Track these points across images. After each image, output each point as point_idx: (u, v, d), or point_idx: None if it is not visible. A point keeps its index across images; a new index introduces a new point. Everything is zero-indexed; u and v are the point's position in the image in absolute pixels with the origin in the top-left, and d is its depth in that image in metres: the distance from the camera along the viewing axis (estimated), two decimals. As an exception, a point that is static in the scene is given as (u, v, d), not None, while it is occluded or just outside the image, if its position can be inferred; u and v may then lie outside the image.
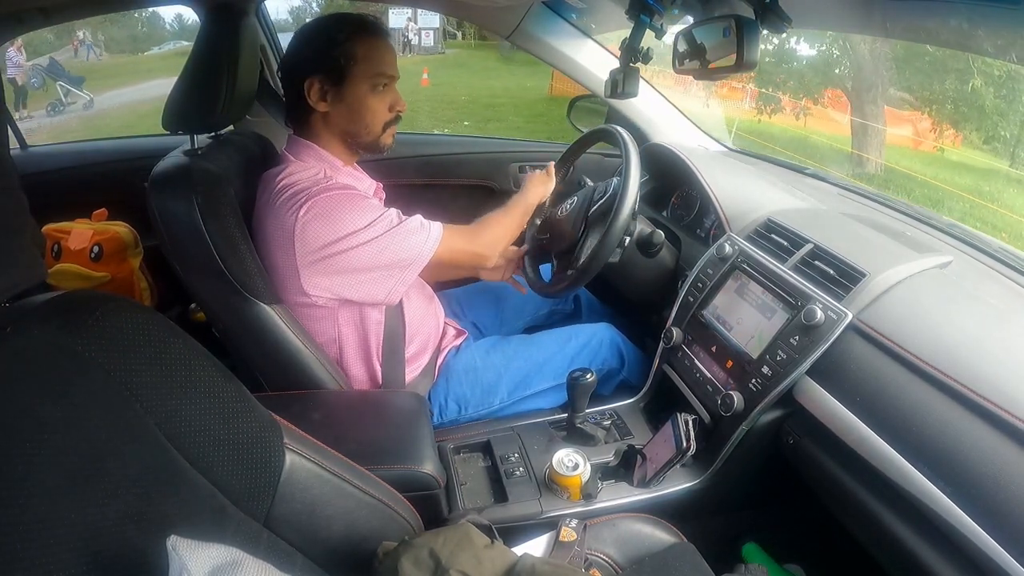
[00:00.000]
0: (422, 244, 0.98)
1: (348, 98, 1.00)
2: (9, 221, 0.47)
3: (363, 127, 1.02)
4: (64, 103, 8.76)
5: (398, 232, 0.96)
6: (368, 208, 0.96)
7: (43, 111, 8.51)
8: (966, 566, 0.65)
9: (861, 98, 7.42)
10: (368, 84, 1.00)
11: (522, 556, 0.62)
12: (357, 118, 1.01)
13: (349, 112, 1.01)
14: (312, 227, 0.91)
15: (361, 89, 0.99)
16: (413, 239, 0.98)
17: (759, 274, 1.01)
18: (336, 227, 0.92)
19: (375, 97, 1.01)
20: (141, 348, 0.50)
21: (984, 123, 6.76)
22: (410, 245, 0.97)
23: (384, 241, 0.94)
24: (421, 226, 1.00)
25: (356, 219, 0.93)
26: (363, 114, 1.01)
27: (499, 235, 1.14)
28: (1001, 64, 5.35)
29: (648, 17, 0.99)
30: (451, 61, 13.57)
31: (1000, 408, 0.66)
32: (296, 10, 14.45)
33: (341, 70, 0.98)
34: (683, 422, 0.91)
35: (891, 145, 7.88)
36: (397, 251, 0.96)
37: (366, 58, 0.98)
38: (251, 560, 0.41)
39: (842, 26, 1.94)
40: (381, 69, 1.00)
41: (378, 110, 1.02)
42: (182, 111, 0.98)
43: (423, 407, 1.00)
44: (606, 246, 1.08)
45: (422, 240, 0.99)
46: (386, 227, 0.95)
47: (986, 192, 6.31)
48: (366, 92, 1.00)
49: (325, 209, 0.92)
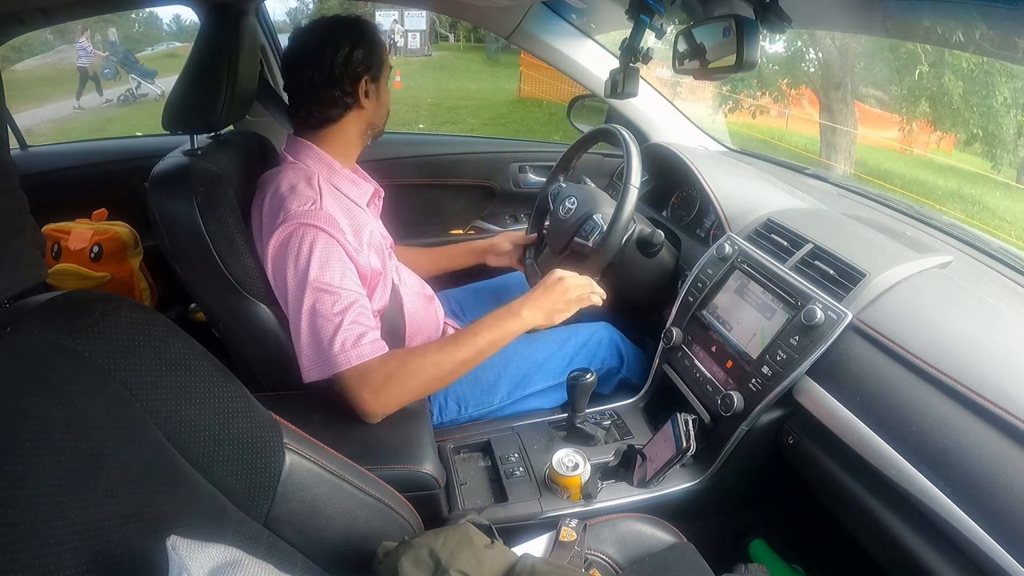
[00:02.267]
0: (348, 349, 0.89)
1: (380, 93, 1.08)
2: (9, 221, 0.48)
3: (383, 116, 1.11)
4: (135, 94, 9.33)
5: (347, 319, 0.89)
6: (338, 269, 0.92)
7: (115, 99, 9.24)
8: (966, 566, 0.65)
9: (829, 97, 6.75)
10: (384, 76, 1.08)
11: (522, 556, 0.62)
12: (382, 109, 1.10)
13: (379, 105, 1.08)
14: (280, 253, 0.91)
15: (383, 82, 1.08)
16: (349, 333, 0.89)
17: (759, 274, 1.01)
18: (300, 267, 0.90)
19: (386, 86, 1.10)
20: (141, 348, 0.50)
21: (957, 120, 6.43)
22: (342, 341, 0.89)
23: (335, 315, 0.89)
24: (358, 340, 0.89)
25: (324, 273, 0.90)
26: (385, 103, 1.10)
27: (418, 385, 0.93)
28: (969, 57, 5.19)
29: (648, 17, 0.99)
30: (435, 63, 13.56)
31: (1000, 408, 0.66)
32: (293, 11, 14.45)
33: (379, 67, 1.05)
34: (683, 422, 0.91)
35: (879, 148, 7.68)
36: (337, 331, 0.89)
37: (377, 52, 1.05)
38: (251, 560, 0.41)
39: (842, 26, 1.94)
40: (386, 59, 1.08)
41: (388, 98, 1.11)
42: (182, 111, 0.98)
43: (423, 407, 1.00)
44: (607, 248, 1.08)
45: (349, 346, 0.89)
46: (344, 305, 0.90)
47: (968, 195, 6.22)
48: (384, 83, 1.08)
49: (298, 243, 0.90)
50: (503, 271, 1.44)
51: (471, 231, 1.84)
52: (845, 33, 5.33)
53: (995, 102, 5.87)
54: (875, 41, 6.43)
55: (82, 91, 8.91)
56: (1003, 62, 4.59)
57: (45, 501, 0.39)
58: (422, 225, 1.77)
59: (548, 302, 1.02)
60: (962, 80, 5.89)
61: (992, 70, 5.65)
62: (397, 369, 0.90)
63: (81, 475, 0.42)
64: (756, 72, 6.28)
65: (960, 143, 7.46)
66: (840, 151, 6.73)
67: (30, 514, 0.38)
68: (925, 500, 0.68)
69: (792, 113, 8.13)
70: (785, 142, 7.91)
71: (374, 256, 1.01)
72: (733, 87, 7.27)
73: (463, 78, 11.65)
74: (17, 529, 0.37)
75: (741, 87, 7.25)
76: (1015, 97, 5.91)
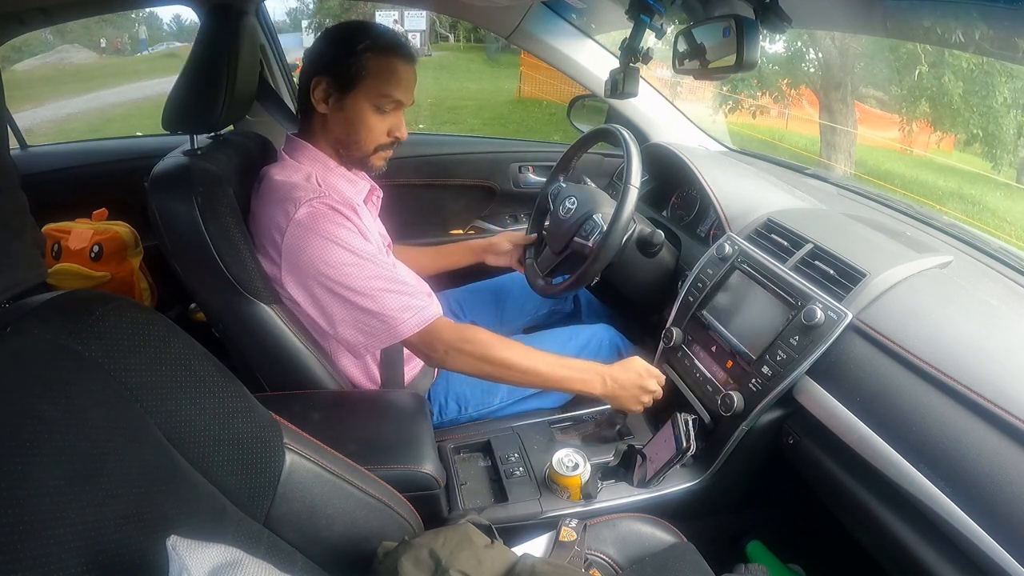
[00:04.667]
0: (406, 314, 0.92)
1: (348, 109, 0.98)
2: (9, 221, 0.47)
3: (355, 142, 1.01)
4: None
5: (391, 285, 0.93)
6: (358, 244, 0.93)
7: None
8: (966, 566, 0.65)
9: (829, 97, 6.66)
10: (372, 102, 0.98)
11: (522, 556, 0.62)
12: (352, 131, 1.00)
13: (346, 123, 0.99)
14: (300, 237, 0.91)
15: (363, 104, 0.98)
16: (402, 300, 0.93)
17: (759, 274, 1.01)
18: (327, 249, 0.90)
19: (376, 117, 0.99)
20: (141, 348, 0.50)
21: (957, 120, 6.39)
22: (396, 305, 0.92)
23: (374, 284, 0.91)
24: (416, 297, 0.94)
25: (345, 247, 0.91)
26: (359, 129, 1.00)
27: (524, 367, 0.98)
28: (969, 57, 5.17)
29: (648, 17, 0.99)
30: (434, 64, 13.54)
31: (1000, 408, 0.66)
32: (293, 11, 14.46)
33: (350, 79, 0.96)
34: (683, 422, 0.91)
35: (879, 148, 7.64)
36: (381, 304, 0.92)
37: (377, 75, 0.96)
38: (251, 560, 0.41)
39: (842, 26, 1.94)
40: (389, 91, 0.98)
41: (375, 130, 1.00)
42: (182, 111, 0.98)
43: (423, 407, 1.00)
44: (607, 248, 1.08)
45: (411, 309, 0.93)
46: (378, 271, 0.92)
47: (968, 195, 6.19)
48: (367, 109, 0.98)
49: (318, 224, 0.90)
50: (503, 271, 1.44)
51: (471, 231, 1.84)
52: (845, 33, 5.32)
53: (995, 102, 5.85)
54: (875, 41, 6.40)
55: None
56: (1003, 62, 4.58)
57: (45, 501, 0.39)
58: (422, 225, 1.77)
59: (626, 393, 1.00)
60: (962, 80, 5.87)
61: (992, 70, 5.63)
62: (480, 339, 0.96)
63: (81, 475, 0.42)
64: (756, 72, 6.15)
65: (960, 143, 7.44)
66: (840, 151, 6.69)
67: (30, 514, 0.38)
68: (925, 500, 0.68)
69: (792, 113, 8.07)
70: (785, 142, 7.88)
71: None
72: (733, 87, 7.24)
73: (463, 78, 11.65)
74: (17, 529, 0.37)
75: (741, 87, 7.21)
76: (1015, 97, 5.89)
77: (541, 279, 1.27)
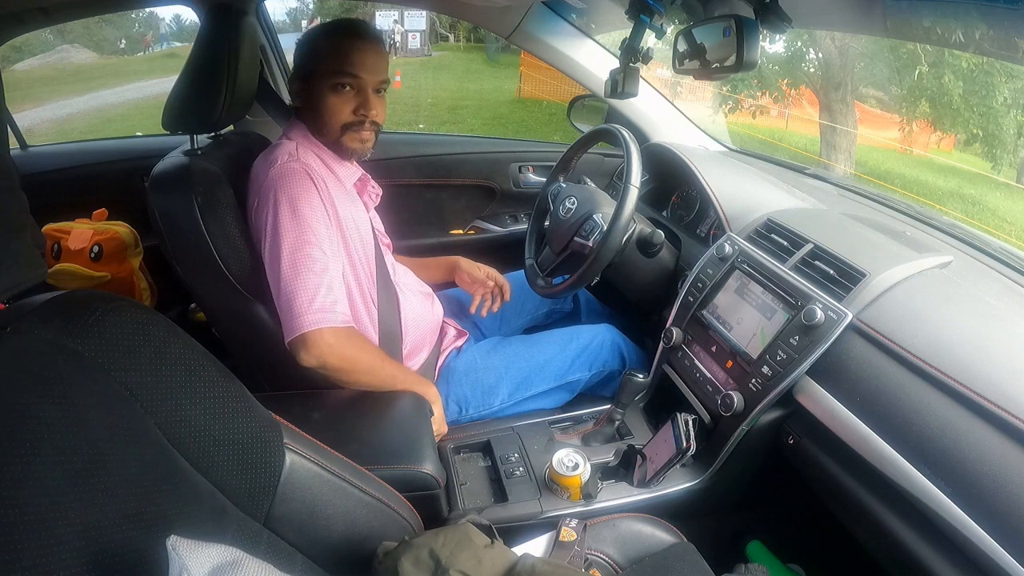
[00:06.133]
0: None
1: (311, 96, 1.01)
2: (9, 221, 0.47)
3: (324, 124, 1.02)
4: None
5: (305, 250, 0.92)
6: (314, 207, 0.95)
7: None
8: (966, 566, 0.65)
9: (829, 97, 6.64)
10: (328, 83, 0.99)
11: (522, 556, 0.62)
12: (317, 116, 1.01)
13: (312, 109, 1.02)
14: (269, 188, 0.94)
15: (321, 87, 0.99)
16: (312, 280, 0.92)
17: (759, 274, 1.01)
18: (281, 206, 0.93)
19: (335, 97, 1.00)
20: (141, 348, 0.50)
21: (957, 120, 6.36)
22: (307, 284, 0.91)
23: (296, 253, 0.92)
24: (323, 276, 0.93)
25: (295, 210, 0.93)
26: (322, 111, 1.01)
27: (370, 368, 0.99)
28: (969, 57, 5.17)
29: (648, 17, 0.99)
30: (434, 63, 13.57)
31: (1000, 408, 0.66)
32: (293, 11, 14.48)
33: (309, 68, 1.00)
34: (683, 422, 0.91)
35: (879, 148, 7.62)
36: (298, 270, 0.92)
37: (329, 56, 0.99)
38: (251, 560, 0.41)
39: (842, 26, 1.94)
40: (342, 68, 0.98)
41: (336, 109, 1.00)
42: (182, 111, 0.98)
43: (423, 407, 1.00)
44: (607, 248, 1.08)
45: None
46: (313, 250, 0.92)
47: (968, 195, 6.18)
48: (326, 91, 1.00)
49: (286, 180, 0.94)
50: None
51: (471, 231, 1.84)
52: (845, 33, 5.32)
53: (995, 102, 5.84)
54: (875, 41, 6.39)
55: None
56: (1003, 62, 4.58)
57: (45, 501, 0.39)
58: (422, 225, 1.77)
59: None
60: (962, 80, 5.86)
61: (992, 70, 5.62)
62: (357, 345, 0.96)
63: (81, 475, 0.42)
64: (756, 72, 6.20)
65: (960, 143, 7.43)
66: (840, 151, 6.68)
67: (30, 514, 0.38)
68: (925, 500, 0.68)
69: (792, 113, 8.07)
70: (785, 142, 7.87)
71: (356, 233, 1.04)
72: (733, 87, 7.23)
73: (463, 78, 11.65)
74: (17, 529, 0.37)
75: (741, 87, 7.20)
76: (1015, 97, 5.88)
77: (541, 279, 1.27)
